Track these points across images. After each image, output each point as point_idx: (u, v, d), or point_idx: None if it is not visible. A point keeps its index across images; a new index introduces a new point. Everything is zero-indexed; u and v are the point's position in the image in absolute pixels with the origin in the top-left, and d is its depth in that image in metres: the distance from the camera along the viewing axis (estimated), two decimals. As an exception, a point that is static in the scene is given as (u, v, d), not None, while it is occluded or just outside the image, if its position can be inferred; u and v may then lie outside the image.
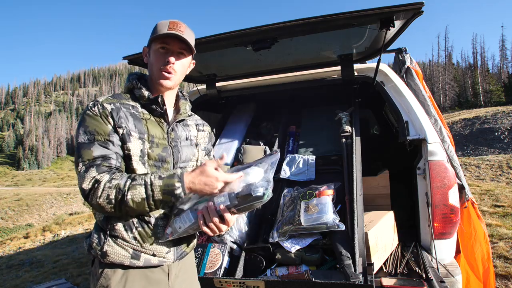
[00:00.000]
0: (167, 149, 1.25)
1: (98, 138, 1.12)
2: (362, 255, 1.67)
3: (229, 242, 1.99)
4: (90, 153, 1.10)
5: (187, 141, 1.34)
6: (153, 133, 1.22)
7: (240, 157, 2.72)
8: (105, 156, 1.11)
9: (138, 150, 1.18)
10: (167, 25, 1.20)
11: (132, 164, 1.16)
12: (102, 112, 1.16)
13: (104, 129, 1.14)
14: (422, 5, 1.58)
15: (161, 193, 1.07)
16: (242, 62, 2.55)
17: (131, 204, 1.06)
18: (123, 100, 1.24)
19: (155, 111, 1.26)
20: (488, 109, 24.83)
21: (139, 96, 1.26)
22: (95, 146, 1.11)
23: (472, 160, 10.68)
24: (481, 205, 5.77)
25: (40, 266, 5.87)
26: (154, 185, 1.07)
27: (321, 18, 1.72)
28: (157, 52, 1.22)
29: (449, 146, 2.14)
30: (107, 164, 1.10)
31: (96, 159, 1.09)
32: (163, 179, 1.08)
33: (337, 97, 2.92)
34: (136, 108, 1.24)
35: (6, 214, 29.61)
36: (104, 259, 1.15)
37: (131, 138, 1.17)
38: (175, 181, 1.07)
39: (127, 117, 1.19)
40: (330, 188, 2.04)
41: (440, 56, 53.72)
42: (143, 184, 1.07)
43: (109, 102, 1.19)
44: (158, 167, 1.22)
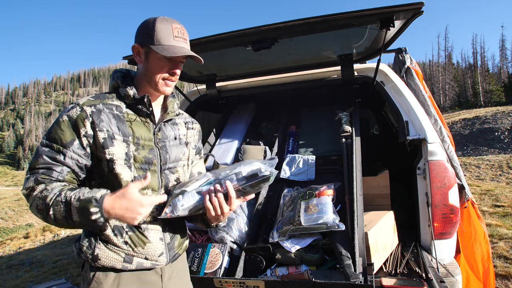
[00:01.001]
0: (153, 151, 1.20)
1: (53, 147, 1.09)
2: (362, 255, 1.67)
3: (229, 242, 1.99)
4: (36, 162, 1.09)
5: (176, 141, 1.30)
6: (138, 134, 1.18)
7: (240, 157, 2.72)
8: (49, 167, 1.08)
9: (122, 154, 1.14)
10: (171, 32, 1.13)
11: (116, 169, 1.12)
12: (79, 115, 1.10)
13: (64, 139, 1.09)
14: (422, 5, 1.58)
15: (77, 215, 1.00)
16: (242, 62, 2.55)
17: (53, 220, 1.03)
18: (107, 100, 1.18)
19: (141, 111, 1.20)
20: (488, 109, 24.83)
21: (124, 96, 1.20)
22: (44, 156, 1.09)
23: (472, 160, 10.68)
24: (481, 205, 5.77)
25: (40, 266, 5.86)
26: (72, 205, 1.00)
27: (321, 18, 1.72)
28: (162, 61, 1.15)
29: (449, 146, 2.14)
30: (46, 176, 1.07)
31: (39, 169, 1.08)
32: (81, 201, 1.00)
33: (337, 97, 2.92)
34: (120, 108, 1.19)
35: (6, 214, 29.60)
36: (95, 263, 1.13)
37: (114, 141, 1.13)
38: (91, 206, 0.99)
39: (110, 120, 1.14)
40: (330, 188, 2.04)
41: (440, 56, 53.79)
42: (64, 202, 1.01)
43: (89, 104, 1.13)
44: (144, 169, 1.18)
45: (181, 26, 1.18)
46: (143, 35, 1.16)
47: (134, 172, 1.16)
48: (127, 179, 1.14)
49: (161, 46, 1.12)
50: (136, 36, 1.19)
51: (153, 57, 1.15)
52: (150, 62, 1.17)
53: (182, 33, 1.17)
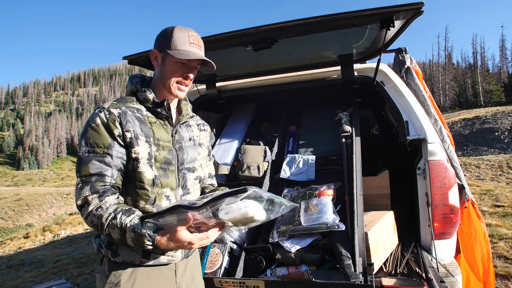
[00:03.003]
0: (172, 152, 1.28)
1: (98, 151, 1.15)
2: (362, 255, 1.67)
3: (229, 242, 1.99)
4: (87, 169, 1.13)
5: (191, 142, 1.38)
6: (158, 136, 1.25)
7: (240, 157, 2.72)
8: (100, 173, 1.13)
9: (145, 153, 1.20)
10: (187, 39, 1.22)
11: (140, 167, 1.19)
12: (109, 117, 1.17)
13: (104, 141, 1.15)
14: (422, 5, 1.58)
15: (132, 243, 1.07)
16: (242, 62, 2.55)
17: (109, 238, 1.11)
18: (128, 103, 1.25)
19: (160, 114, 1.28)
20: (488, 109, 24.82)
21: (144, 99, 1.27)
22: (92, 162, 1.13)
23: (472, 160, 10.67)
24: (481, 205, 5.78)
25: (40, 266, 5.87)
26: (127, 234, 1.06)
27: (321, 18, 1.72)
28: (176, 64, 1.23)
29: (449, 146, 2.14)
30: (101, 183, 1.12)
31: (91, 176, 1.12)
32: (136, 232, 1.05)
33: (337, 97, 2.92)
34: (141, 111, 1.26)
35: (6, 214, 29.61)
36: (115, 258, 1.19)
37: (138, 141, 1.19)
38: (146, 240, 1.05)
39: (134, 121, 1.21)
40: (330, 188, 2.04)
41: (440, 56, 53.75)
42: (119, 227, 1.07)
43: (115, 107, 1.20)
44: (164, 169, 1.25)
45: (197, 34, 1.27)
46: (161, 41, 1.24)
47: (155, 171, 1.23)
48: (149, 177, 1.21)
49: (177, 51, 1.21)
50: (155, 42, 1.27)
51: (169, 61, 1.23)
52: (165, 66, 1.24)
53: (198, 41, 1.26)
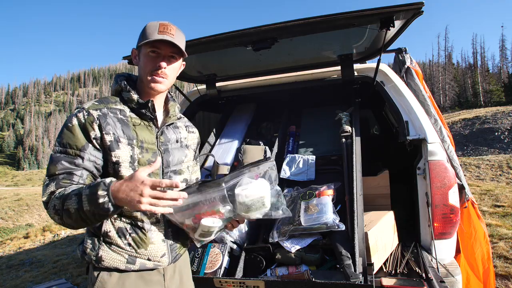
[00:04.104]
0: (156, 154, 1.23)
1: (69, 152, 1.11)
2: (362, 255, 1.67)
3: (229, 242, 1.99)
4: (55, 168, 1.09)
5: (178, 144, 1.33)
6: (142, 138, 1.20)
7: (240, 157, 2.72)
8: (69, 172, 1.09)
9: (127, 157, 1.16)
10: (157, 28, 1.18)
11: (121, 171, 1.15)
12: (87, 119, 1.13)
13: (77, 143, 1.11)
14: (422, 5, 1.58)
15: (87, 203, 0.99)
16: (242, 62, 2.55)
17: (67, 215, 1.02)
18: (110, 104, 1.21)
19: (145, 115, 1.23)
20: (488, 109, 24.81)
21: (128, 99, 1.23)
22: (61, 162, 1.10)
23: (472, 160, 10.67)
24: (481, 205, 5.78)
25: (40, 266, 5.86)
26: (82, 195, 1.00)
27: (321, 18, 1.72)
28: (148, 55, 1.19)
29: (449, 146, 2.14)
30: (67, 181, 1.08)
31: (59, 174, 1.09)
32: (90, 187, 1.01)
33: (337, 97, 2.92)
34: (124, 112, 1.21)
35: (6, 214, 29.60)
36: (99, 264, 1.15)
37: (120, 145, 1.15)
38: (99, 189, 0.98)
39: (115, 123, 1.16)
40: (330, 188, 2.04)
41: (440, 56, 53.77)
42: (76, 194, 1.02)
43: (95, 108, 1.16)
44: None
45: (170, 24, 1.21)
46: (139, 39, 1.20)
47: None
48: None
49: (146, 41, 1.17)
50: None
51: (142, 54, 1.21)
52: (141, 60, 1.22)
53: (169, 29, 1.18)
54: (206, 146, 2.98)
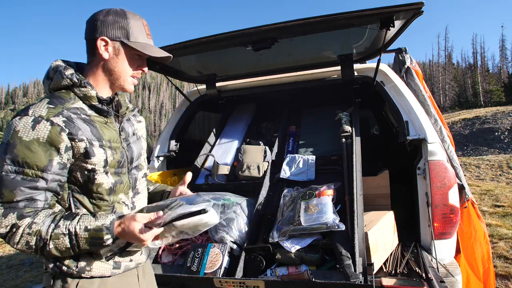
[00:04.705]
0: (123, 152, 1.15)
1: (28, 173, 0.94)
2: (362, 255, 1.67)
3: (229, 242, 1.98)
4: (12, 195, 0.93)
5: (134, 137, 1.25)
6: (108, 137, 1.10)
7: (240, 157, 2.72)
8: (31, 198, 0.95)
9: (101, 161, 1.06)
10: (144, 30, 1.12)
11: (97, 178, 1.06)
12: (51, 130, 0.96)
13: (38, 162, 0.95)
14: (422, 5, 1.58)
15: (87, 244, 0.97)
16: (242, 62, 2.55)
17: (54, 252, 0.97)
18: (67, 103, 1.04)
19: (104, 112, 1.11)
20: (488, 109, 24.80)
21: (84, 96, 1.07)
22: (20, 188, 0.93)
23: (472, 160, 10.67)
24: (481, 205, 5.78)
25: (40, 266, 5.86)
26: (79, 237, 0.96)
27: (321, 18, 1.72)
28: (134, 57, 1.12)
29: (449, 146, 2.14)
30: (31, 209, 0.95)
31: (18, 202, 0.94)
32: (89, 231, 0.96)
33: (337, 97, 2.92)
34: (84, 110, 1.07)
35: (6, 214, 29.56)
36: (83, 274, 1.07)
37: (94, 149, 1.03)
38: (103, 235, 0.97)
39: (84, 126, 1.03)
40: (330, 188, 2.04)
41: (440, 56, 53.73)
42: (67, 234, 0.95)
43: (55, 114, 0.98)
44: (118, 173, 1.13)
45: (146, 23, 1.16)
46: (115, 29, 1.07)
47: (111, 178, 1.10)
48: (107, 187, 1.09)
49: (140, 44, 1.10)
50: (99, 28, 1.07)
51: (127, 53, 1.10)
52: (120, 58, 1.10)
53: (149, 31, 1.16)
54: (206, 146, 2.98)
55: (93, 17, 1.09)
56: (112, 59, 1.10)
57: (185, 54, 2.17)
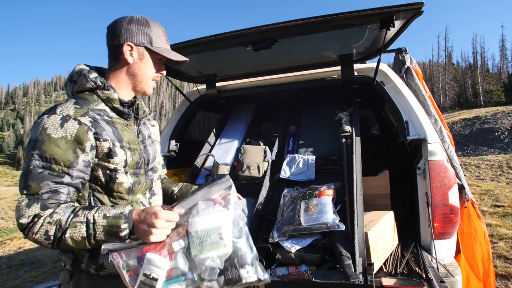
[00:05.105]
0: (140, 154, 1.19)
1: (55, 169, 0.98)
2: (362, 255, 1.67)
3: (229, 242, 1.98)
4: (38, 188, 0.97)
5: (149, 140, 1.30)
6: (128, 139, 1.15)
7: (240, 157, 2.72)
8: (55, 190, 0.99)
9: (122, 161, 1.10)
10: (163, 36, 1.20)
11: (118, 178, 1.10)
12: (79, 129, 1.01)
13: (65, 158, 0.99)
14: (422, 5, 1.58)
15: (104, 233, 0.97)
16: (242, 62, 2.55)
17: (69, 242, 0.96)
18: (91, 105, 1.09)
19: (125, 114, 1.16)
20: (488, 109, 24.80)
21: (107, 98, 1.12)
22: (46, 180, 0.97)
23: (472, 160, 10.67)
24: (481, 205, 5.78)
25: (40, 266, 5.87)
26: (97, 224, 0.96)
27: (321, 18, 1.72)
28: (156, 61, 1.20)
29: (449, 146, 2.14)
30: (54, 201, 0.98)
31: (43, 194, 0.97)
32: (108, 218, 0.97)
33: (337, 97, 2.92)
34: (106, 112, 1.12)
35: (6, 214, 29.59)
36: (101, 272, 1.10)
37: (116, 150, 1.08)
38: (121, 222, 0.96)
39: (107, 127, 1.08)
40: (330, 188, 2.04)
41: (440, 56, 53.73)
42: (85, 222, 0.96)
43: (82, 114, 1.04)
44: (136, 174, 1.17)
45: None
46: (139, 35, 1.14)
47: (130, 178, 1.14)
48: (127, 186, 1.13)
49: (162, 48, 1.17)
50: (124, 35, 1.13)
51: (151, 57, 1.18)
52: (144, 62, 1.17)
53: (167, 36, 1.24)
54: (206, 146, 2.98)
55: (116, 25, 1.15)
56: (136, 63, 1.16)
57: (185, 54, 2.16)
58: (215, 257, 0.94)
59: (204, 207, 0.99)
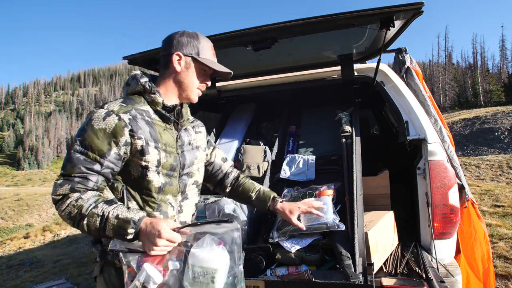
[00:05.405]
0: (176, 157, 1.26)
1: (89, 156, 1.10)
2: (362, 255, 1.67)
3: (229, 242, 1.99)
4: (72, 170, 1.08)
5: (189, 146, 1.36)
6: (165, 141, 1.23)
7: (240, 157, 2.72)
8: (86, 177, 1.09)
9: (155, 161, 1.18)
10: (211, 49, 1.30)
11: (148, 175, 1.17)
12: (118, 124, 1.12)
13: (99, 148, 1.10)
14: (422, 5, 1.58)
15: (112, 231, 1.05)
16: (242, 62, 2.55)
17: (85, 229, 1.06)
18: (137, 105, 1.21)
19: (168, 119, 1.25)
20: (488, 109, 24.80)
21: (152, 102, 1.23)
22: (80, 164, 1.09)
23: (472, 160, 10.67)
24: (481, 205, 5.77)
25: (40, 266, 5.87)
26: (108, 221, 1.05)
27: (321, 18, 1.72)
28: (202, 71, 1.28)
29: (449, 146, 2.14)
30: (82, 186, 1.08)
31: (75, 177, 1.08)
32: (119, 219, 1.05)
33: (337, 97, 2.92)
34: (149, 114, 1.22)
35: (6, 214, 29.61)
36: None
37: (149, 149, 1.17)
38: (128, 227, 1.04)
39: (144, 126, 1.17)
40: (330, 188, 2.04)
41: (440, 56, 53.71)
42: (100, 215, 1.05)
43: (125, 111, 1.15)
44: (169, 176, 1.24)
45: None
46: (188, 46, 1.24)
47: (162, 178, 1.21)
48: (157, 186, 1.20)
49: (208, 60, 1.26)
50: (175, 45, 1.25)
51: (196, 68, 1.27)
52: (190, 71, 1.26)
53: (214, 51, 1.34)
54: (206, 146, 2.97)
55: (170, 37, 1.27)
56: (183, 72, 1.26)
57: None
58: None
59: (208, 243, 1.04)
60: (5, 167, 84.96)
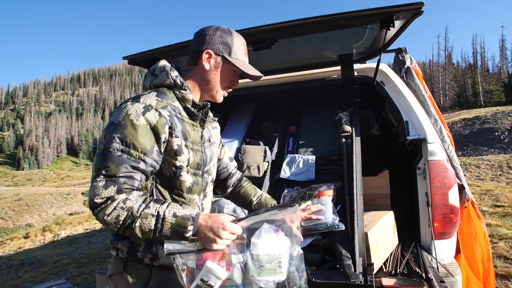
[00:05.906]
0: (201, 156, 1.23)
1: (132, 154, 1.02)
2: (362, 255, 1.67)
3: (229, 242, 1.98)
4: (117, 170, 1.00)
5: (209, 143, 1.33)
6: (193, 139, 1.19)
7: (240, 157, 2.72)
8: (131, 176, 1.02)
9: (186, 160, 1.15)
10: (243, 49, 1.23)
11: (182, 175, 1.14)
12: (159, 120, 1.06)
13: (143, 145, 1.03)
14: (422, 5, 1.58)
15: (170, 230, 1.00)
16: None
17: (136, 232, 1.00)
18: (170, 100, 1.14)
19: (196, 116, 1.21)
20: (488, 109, 24.81)
21: (182, 98, 1.17)
22: (125, 164, 1.01)
23: (472, 160, 10.67)
24: (481, 205, 5.78)
25: (40, 266, 5.87)
26: (165, 221, 1.00)
27: (321, 18, 1.72)
28: (231, 72, 1.22)
29: (449, 146, 2.14)
30: (128, 186, 1.01)
31: (120, 177, 1.00)
32: (177, 217, 1.00)
33: (337, 97, 2.92)
34: (179, 110, 1.16)
35: (6, 214, 29.62)
36: (155, 262, 1.14)
37: (183, 148, 1.13)
38: (188, 224, 1.00)
39: (178, 124, 1.13)
40: (330, 188, 2.04)
41: (440, 56, 53.76)
42: (155, 215, 1.00)
43: (163, 107, 1.09)
44: (196, 175, 1.21)
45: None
46: (220, 44, 1.18)
47: (190, 178, 1.18)
48: (188, 185, 1.17)
49: (239, 61, 1.19)
50: (206, 42, 1.18)
51: (226, 68, 1.20)
52: (220, 70, 1.20)
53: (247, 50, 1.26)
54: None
55: (203, 31, 1.21)
56: (211, 70, 1.19)
57: (185, 54, 2.16)
58: (270, 281, 1.01)
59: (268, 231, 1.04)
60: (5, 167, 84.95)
